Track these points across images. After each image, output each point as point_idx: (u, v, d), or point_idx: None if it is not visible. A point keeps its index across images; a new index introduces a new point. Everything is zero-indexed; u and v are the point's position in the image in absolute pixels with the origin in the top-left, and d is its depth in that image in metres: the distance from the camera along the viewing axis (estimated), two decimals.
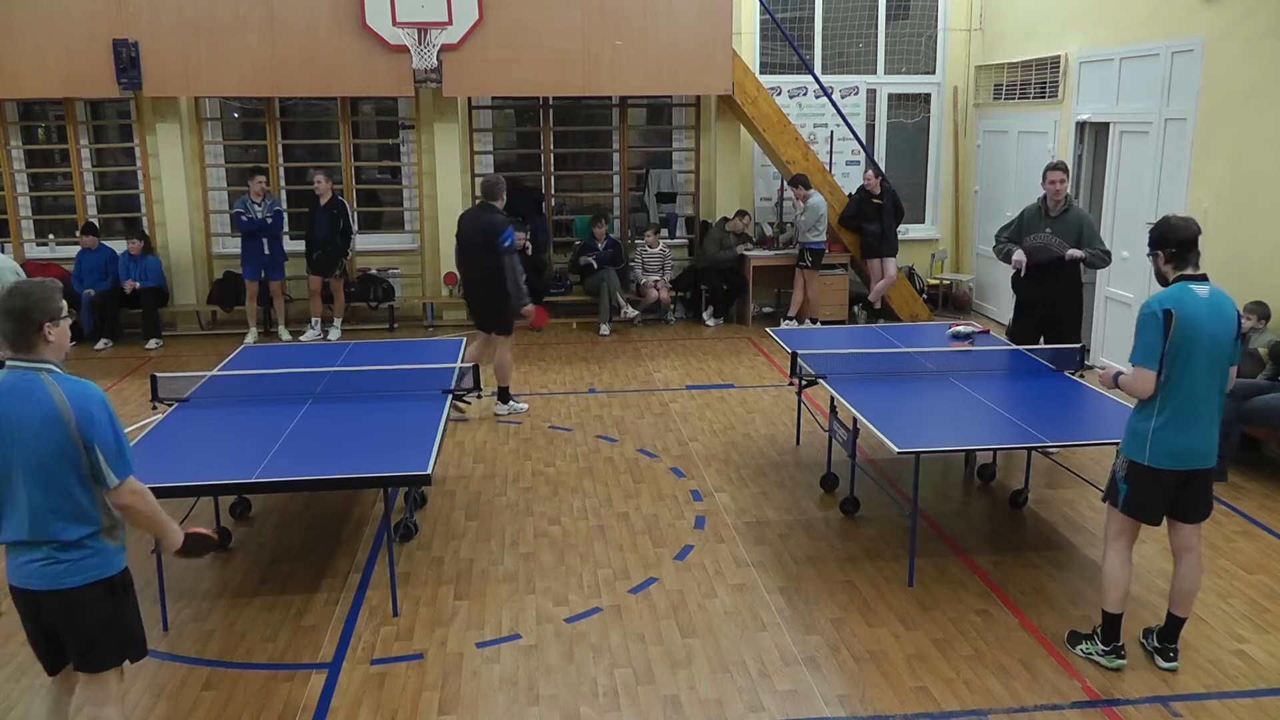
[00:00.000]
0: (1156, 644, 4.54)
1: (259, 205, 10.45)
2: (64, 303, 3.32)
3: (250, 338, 10.65)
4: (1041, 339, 7.08)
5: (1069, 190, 6.99)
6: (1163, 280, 4.32)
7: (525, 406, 8.35)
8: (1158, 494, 4.31)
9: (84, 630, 3.34)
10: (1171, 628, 4.49)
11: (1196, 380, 4.18)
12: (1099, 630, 4.52)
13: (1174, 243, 4.23)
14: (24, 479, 3.20)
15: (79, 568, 3.28)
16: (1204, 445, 4.26)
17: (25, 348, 3.21)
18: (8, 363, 3.25)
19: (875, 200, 11.08)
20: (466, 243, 7.98)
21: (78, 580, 3.28)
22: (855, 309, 11.56)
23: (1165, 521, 4.44)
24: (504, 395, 8.25)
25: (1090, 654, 4.53)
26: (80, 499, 3.25)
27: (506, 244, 7.69)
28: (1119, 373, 4.42)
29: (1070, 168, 10.01)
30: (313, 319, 10.95)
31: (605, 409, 8.39)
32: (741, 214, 11.50)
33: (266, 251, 10.55)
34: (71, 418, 3.17)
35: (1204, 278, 4.24)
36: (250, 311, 10.78)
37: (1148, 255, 4.38)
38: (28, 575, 3.29)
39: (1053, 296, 7.01)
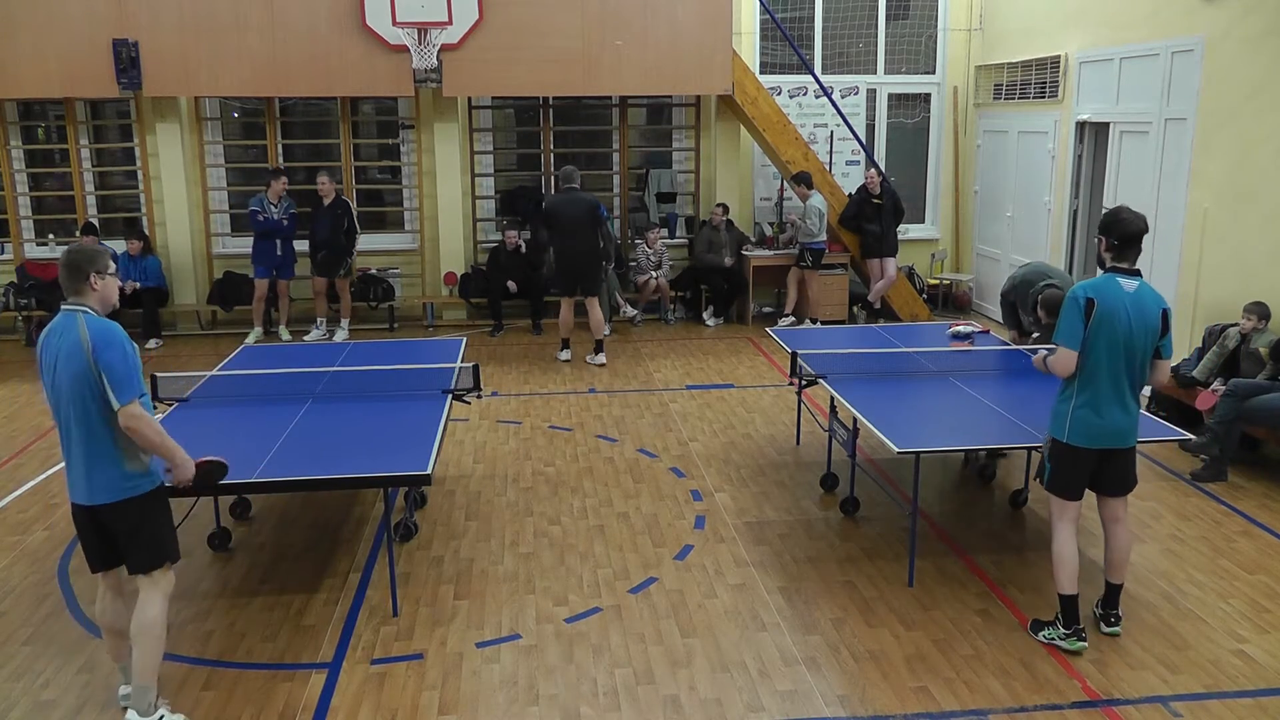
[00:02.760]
0: (1099, 610, 4.78)
1: (276, 207, 10.47)
2: (112, 264, 3.97)
3: (253, 337, 10.64)
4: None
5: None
6: (1102, 264, 4.54)
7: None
8: (1078, 471, 4.58)
9: (126, 536, 3.94)
10: (1110, 594, 4.74)
11: (1113, 367, 4.41)
12: (1059, 615, 4.63)
13: (1117, 235, 4.43)
14: (67, 405, 3.81)
15: (114, 487, 3.87)
16: (1119, 427, 4.50)
17: (75, 292, 3.85)
18: (62, 306, 3.87)
19: (875, 200, 11.08)
20: (569, 222, 9.49)
21: (114, 496, 3.88)
22: (855, 309, 11.56)
23: (1096, 499, 4.74)
24: (600, 346, 9.85)
25: (1052, 639, 4.64)
26: (99, 424, 3.81)
27: (604, 214, 9.69)
28: (1046, 355, 4.69)
29: (1070, 167, 10.07)
30: (318, 319, 10.95)
31: (605, 409, 8.39)
32: (719, 206, 11.50)
33: (279, 252, 10.58)
34: (89, 346, 3.75)
35: (1136, 273, 4.44)
36: (256, 311, 10.78)
37: (1096, 238, 4.57)
38: (79, 491, 3.90)
39: None
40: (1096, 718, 4.16)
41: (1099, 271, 4.57)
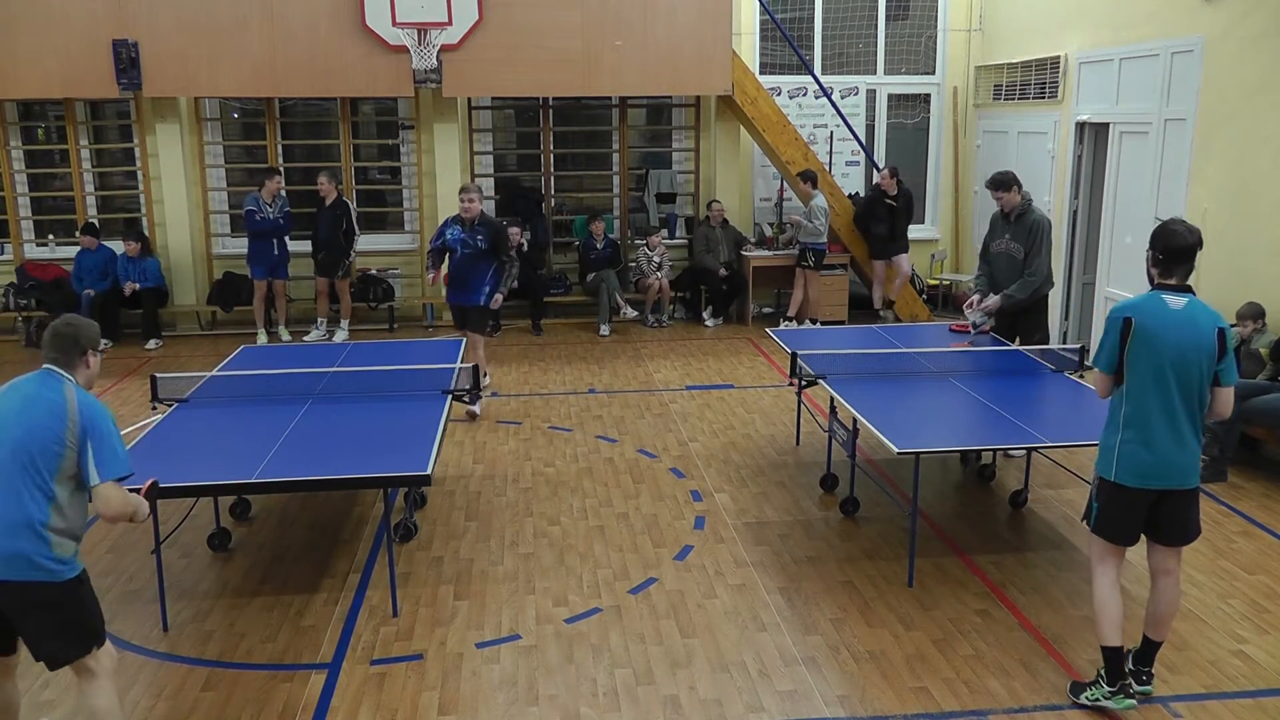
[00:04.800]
0: (1130, 666, 4.26)
1: (271, 206, 10.47)
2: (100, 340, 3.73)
3: (262, 339, 10.63)
4: (1017, 339, 7.11)
5: (1022, 198, 6.85)
6: (1151, 281, 4.17)
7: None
8: (1128, 513, 4.11)
9: (37, 623, 3.47)
10: (1146, 650, 4.28)
11: (1163, 394, 3.97)
12: (1102, 672, 4.18)
13: (1162, 249, 4.05)
14: (6, 453, 3.39)
15: (31, 566, 3.39)
16: (1175, 464, 4.02)
17: (66, 365, 3.57)
18: (45, 365, 3.58)
19: (889, 201, 11.04)
20: None
21: (32, 576, 3.39)
22: (880, 312, 11.46)
23: (1146, 545, 4.25)
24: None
25: (1097, 699, 4.17)
26: (39, 497, 3.39)
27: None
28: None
29: (1070, 168, 10.07)
30: (318, 319, 10.96)
31: (605, 409, 8.39)
32: (714, 202, 11.53)
33: (276, 252, 10.58)
34: (76, 416, 3.43)
35: (1187, 289, 4.04)
36: (258, 313, 10.77)
37: (1147, 251, 4.19)
38: None
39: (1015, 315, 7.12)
40: (1097, 718, 4.16)
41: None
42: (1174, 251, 4.01)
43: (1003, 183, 6.87)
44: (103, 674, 3.60)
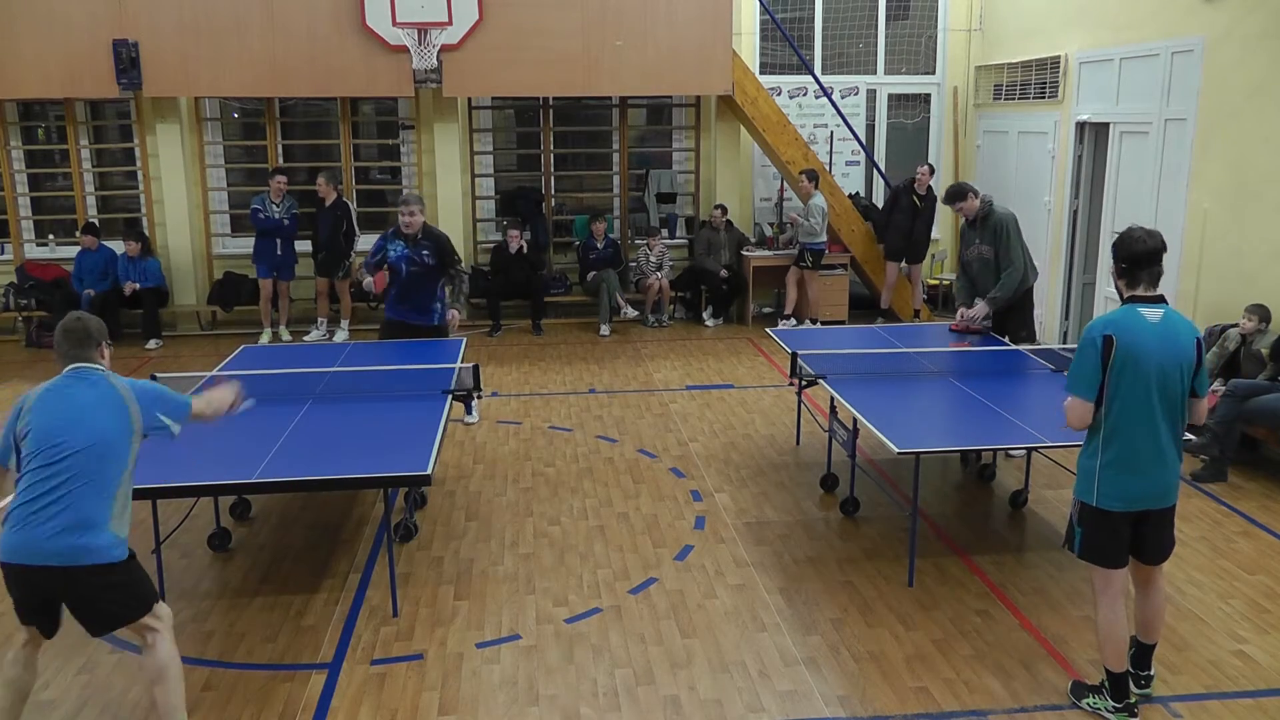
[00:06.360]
0: (1129, 669, 4.20)
1: (277, 205, 10.47)
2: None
3: (265, 338, 10.63)
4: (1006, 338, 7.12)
5: (982, 202, 6.96)
6: (1120, 295, 4.03)
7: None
8: (1114, 537, 3.99)
9: (96, 601, 3.73)
10: (1142, 654, 4.27)
11: (1146, 414, 3.85)
12: (1106, 685, 4.15)
13: (1124, 257, 3.91)
14: (75, 457, 3.60)
15: (93, 553, 3.62)
16: (1157, 485, 3.94)
17: (89, 360, 3.79)
18: (69, 368, 3.77)
19: (915, 198, 10.98)
20: None
21: (93, 560, 3.62)
22: (918, 314, 11.46)
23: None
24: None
25: (1098, 708, 4.15)
26: (108, 483, 3.65)
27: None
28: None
29: (1070, 168, 10.07)
30: (318, 319, 10.95)
31: (605, 409, 8.39)
32: (718, 208, 11.51)
33: (279, 252, 10.58)
34: (132, 398, 3.76)
35: (1160, 299, 3.91)
36: (264, 312, 10.76)
37: (1111, 271, 4.09)
38: (58, 551, 3.57)
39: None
40: (1097, 719, 4.15)
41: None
42: (1136, 257, 3.88)
43: (958, 193, 7.02)
44: (162, 627, 3.85)
